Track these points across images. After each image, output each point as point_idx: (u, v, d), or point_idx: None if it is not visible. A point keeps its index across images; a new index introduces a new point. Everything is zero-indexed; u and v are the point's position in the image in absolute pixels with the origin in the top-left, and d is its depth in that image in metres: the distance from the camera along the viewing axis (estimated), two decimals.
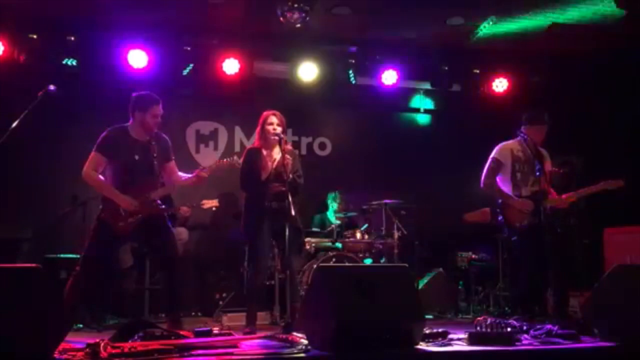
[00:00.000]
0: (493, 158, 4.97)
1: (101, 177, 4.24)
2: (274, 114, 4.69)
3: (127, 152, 4.24)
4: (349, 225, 6.51)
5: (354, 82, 6.93)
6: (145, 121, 4.30)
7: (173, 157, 4.55)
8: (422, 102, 7.69)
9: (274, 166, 4.60)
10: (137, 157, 4.26)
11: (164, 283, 4.53)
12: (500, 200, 4.95)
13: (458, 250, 6.67)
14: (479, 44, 6.86)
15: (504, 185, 4.94)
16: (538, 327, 3.65)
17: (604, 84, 7.02)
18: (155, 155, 4.32)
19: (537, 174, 4.71)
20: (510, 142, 5.02)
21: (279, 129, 4.61)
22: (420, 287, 6.12)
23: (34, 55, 6.06)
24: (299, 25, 5.82)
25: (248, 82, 6.72)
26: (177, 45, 6.43)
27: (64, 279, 5.50)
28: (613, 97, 7.07)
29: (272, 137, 4.62)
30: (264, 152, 4.67)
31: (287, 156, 4.45)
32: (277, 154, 4.64)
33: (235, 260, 6.41)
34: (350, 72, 6.88)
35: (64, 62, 6.20)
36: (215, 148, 7.09)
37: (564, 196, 4.90)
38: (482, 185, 5.00)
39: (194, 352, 3.03)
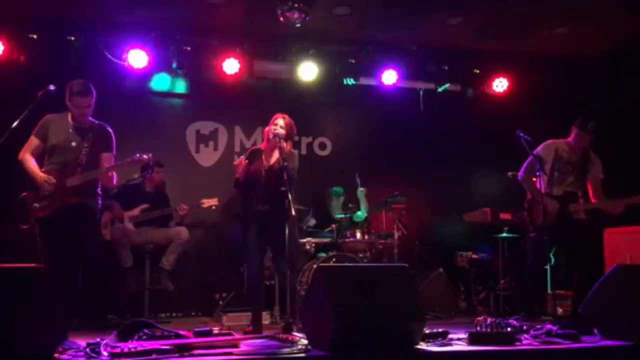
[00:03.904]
0: (535, 153, 4.97)
1: (32, 159, 4.30)
2: (282, 117, 4.68)
3: (57, 134, 4.29)
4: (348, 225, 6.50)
5: (353, 82, 6.93)
6: (70, 109, 4.31)
7: (111, 150, 4.46)
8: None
9: (267, 167, 4.59)
10: (64, 138, 4.29)
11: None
12: (530, 196, 5.05)
13: (458, 250, 6.67)
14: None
15: (541, 180, 4.94)
16: (538, 327, 3.66)
17: (604, 83, 7.02)
18: (86, 144, 4.30)
19: (537, 174, 4.75)
20: (558, 140, 5.09)
21: (280, 131, 4.59)
22: (420, 286, 6.13)
23: (34, 55, 6.06)
24: (298, 25, 5.82)
25: (248, 82, 6.72)
26: (177, 45, 6.43)
27: None
28: (613, 97, 7.07)
29: (271, 137, 4.62)
30: (264, 153, 4.67)
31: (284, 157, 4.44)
32: (275, 155, 4.62)
33: (236, 260, 6.41)
34: (349, 77, 6.88)
35: (64, 61, 6.20)
36: (215, 148, 7.08)
37: (611, 202, 4.93)
38: (519, 177, 5.10)
39: (194, 352, 3.03)
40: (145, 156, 4.49)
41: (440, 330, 3.52)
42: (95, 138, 4.36)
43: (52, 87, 4.25)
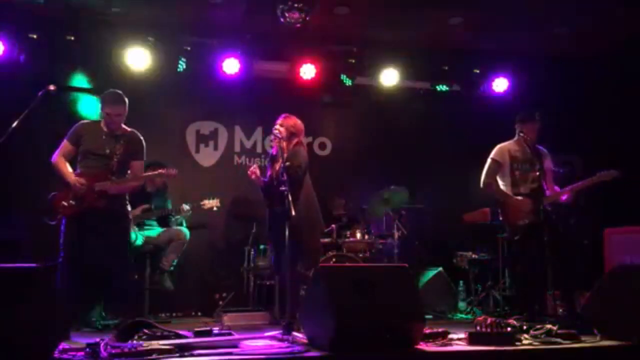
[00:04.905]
0: (492, 159, 5.12)
1: (65, 162, 4.51)
2: (283, 117, 4.75)
3: (90, 140, 4.49)
4: (349, 225, 6.50)
5: (350, 83, 6.93)
6: (103, 117, 4.52)
7: (142, 158, 4.68)
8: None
9: (277, 169, 4.61)
10: (97, 146, 4.48)
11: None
12: (500, 200, 5.06)
13: (458, 250, 6.67)
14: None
15: (504, 183, 5.08)
16: (538, 327, 3.65)
17: (603, 83, 7.02)
18: (117, 151, 4.48)
19: (537, 173, 4.76)
20: (507, 142, 5.15)
21: (279, 129, 4.63)
22: (420, 286, 6.13)
23: (34, 55, 6.06)
24: (299, 25, 5.82)
25: (248, 82, 6.72)
26: (177, 45, 6.43)
27: None
28: (613, 97, 7.07)
29: (272, 139, 4.68)
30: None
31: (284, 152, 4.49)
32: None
33: (236, 260, 6.41)
34: (346, 75, 6.88)
35: (64, 61, 6.21)
36: (216, 148, 7.09)
37: (559, 191, 4.99)
38: (482, 185, 5.14)
39: (194, 352, 3.03)
40: (172, 171, 4.78)
41: (440, 330, 3.52)
42: (127, 145, 4.55)
43: (52, 87, 4.26)
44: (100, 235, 4.42)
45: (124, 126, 4.63)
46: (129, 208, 4.70)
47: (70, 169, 4.50)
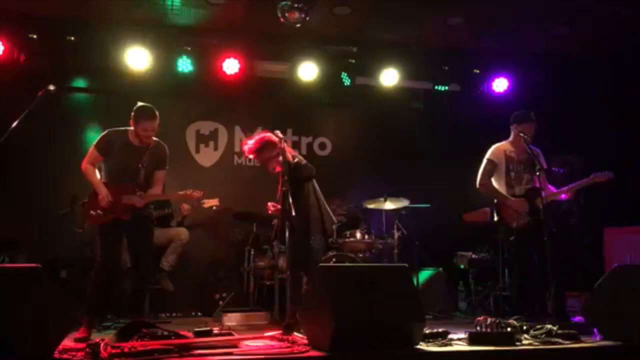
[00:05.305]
0: (487, 159, 5.10)
1: (94, 170, 4.47)
2: (250, 154, 4.85)
3: (119, 154, 4.44)
4: (349, 225, 6.50)
5: (349, 83, 6.93)
6: (136, 131, 4.45)
7: (166, 167, 4.68)
8: None
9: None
10: (126, 160, 4.45)
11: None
12: (495, 200, 5.05)
13: (458, 250, 6.67)
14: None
15: (499, 184, 5.07)
16: (538, 327, 3.65)
17: (603, 83, 7.02)
18: (144, 164, 4.47)
19: (537, 173, 4.76)
20: (503, 143, 5.14)
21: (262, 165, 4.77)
22: (420, 286, 6.13)
23: (34, 55, 6.07)
24: (298, 25, 5.82)
25: (248, 82, 6.72)
26: (177, 45, 6.44)
27: (64, 279, 5.53)
28: (613, 97, 7.07)
29: (270, 169, 4.73)
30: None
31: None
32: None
33: (236, 260, 6.41)
34: (346, 74, 6.88)
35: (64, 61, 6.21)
36: (216, 148, 7.09)
37: (556, 191, 4.98)
38: (477, 185, 5.13)
39: (194, 352, 3.03)
40: (196, 194, 4.74)
41: (440, 330, 3.52)
42: (153, 157, 4.55)
43: (52, 87, 4.26)
44: (129, 238, 4.51)
45: None
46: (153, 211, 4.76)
47: (99, 180, 4.48)
